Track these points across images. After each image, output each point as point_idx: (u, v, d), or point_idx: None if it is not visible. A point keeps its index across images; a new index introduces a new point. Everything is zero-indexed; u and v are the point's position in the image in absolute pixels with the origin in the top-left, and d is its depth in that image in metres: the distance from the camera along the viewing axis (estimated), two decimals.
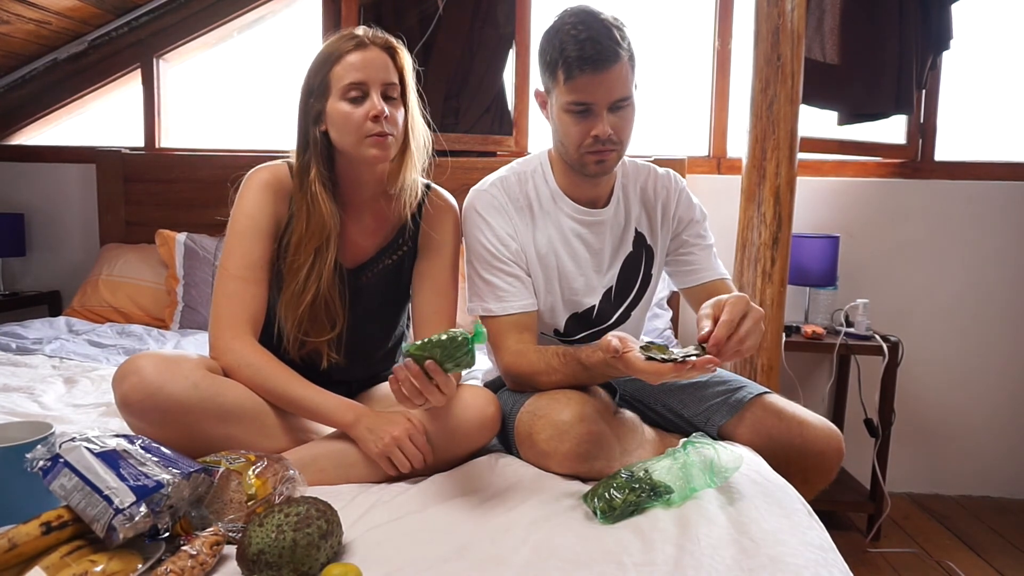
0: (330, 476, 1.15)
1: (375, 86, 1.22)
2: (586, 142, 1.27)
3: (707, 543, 0.93)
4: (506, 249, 1.36)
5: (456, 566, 0.89)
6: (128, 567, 0.82)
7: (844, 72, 2.46)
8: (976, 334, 2.65)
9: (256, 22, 2.93)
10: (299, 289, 1.26)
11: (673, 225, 1.47)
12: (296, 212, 1.28)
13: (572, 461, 1.17)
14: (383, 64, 1.24)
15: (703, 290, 1.45)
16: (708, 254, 1.48)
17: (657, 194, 1.46)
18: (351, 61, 1.22)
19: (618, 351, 1.08)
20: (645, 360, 1.05)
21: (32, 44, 2.76)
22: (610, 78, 1.22)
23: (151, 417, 1.08)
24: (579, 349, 1.21)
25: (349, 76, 1.21)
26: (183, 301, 2.49)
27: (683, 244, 1.48)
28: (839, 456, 1.33)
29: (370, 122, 1.21)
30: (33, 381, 1.75)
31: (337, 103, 1.22)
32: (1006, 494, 2.67)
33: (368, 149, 1.23)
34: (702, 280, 1.46)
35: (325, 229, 1.26)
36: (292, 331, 1.28)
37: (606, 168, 1.32)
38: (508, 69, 2.73)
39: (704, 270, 1.46)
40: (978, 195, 2.61)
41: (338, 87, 1.22)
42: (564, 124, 1.29)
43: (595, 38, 1.20)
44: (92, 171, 2.83)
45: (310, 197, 1.25)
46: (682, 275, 1.49)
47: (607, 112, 1.25)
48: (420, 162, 1.34)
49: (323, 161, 1.27)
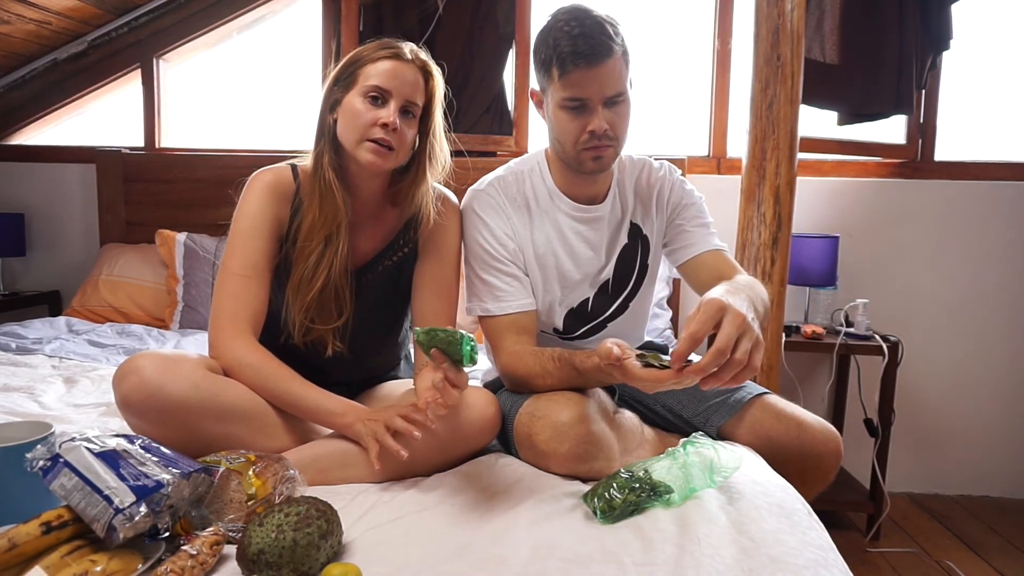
0: (330, 476, 1.15)
1: (398, 98, 1.23)
2: (583, 138, 1.27)
3: (707, 543, 0.93)
4: (504, 249, 1.36)
5: (456, 566, 0.89)
6: (128, 567, 0.82)
7: (844, 72, 2.46)
8: (976, 334, 2.65)
9: (256, 22, 2.92)
10: (308, 275, 1.27)
11: (668, 212, 1.46)
12: (308, 199, 1.28)
13: (571, 462, 1.17)
14: (414, 81, 1.25)
15: (698, 263, 1.42)
16: (703, 231, 1.44)
17: (652, 184, 1.46)
18: (384, 67, 1.23)
19: (619, 359, 1.05)
20: (644, 367, 1.03)
21: (32, 44, 2.76)
22: (604, 73, 1.23)
23: (151, 417, 1.08)
24: (574, 354, 1.20)
25: (376, 78, 1.22)
26: (183, 301, 2.49)
27: (678, 228, 1.46)
28: (837, 458, 1.33)
29: (377, 127, 1.22)
30: (33, 381, 1.75)
31: (355, 97, 1.24)
32: (1006, 494, 2.67)
33: (364, 152, 1.23)
34: (694, 253, 1.42)
35: (337, 216, 1.26)
36: (299, 316, 1.28)
37: (603, 164, 1.32)
38: (508, 69, 2.73)
39: (695, 244, 1.43)
40: (978, 195, 2.61)
41: (363, 84, 1.23)
42: (560, 121, 1.29)
43: (588, 33, 1.21)
44: (92, 171, 2.83)
45: (323, 184, 1.26)
46: (676, 253, 1.46)
47: (602, 107, 1.25)
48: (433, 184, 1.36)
49: (336, 149, 1.28)
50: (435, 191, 1.38)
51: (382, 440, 1.12)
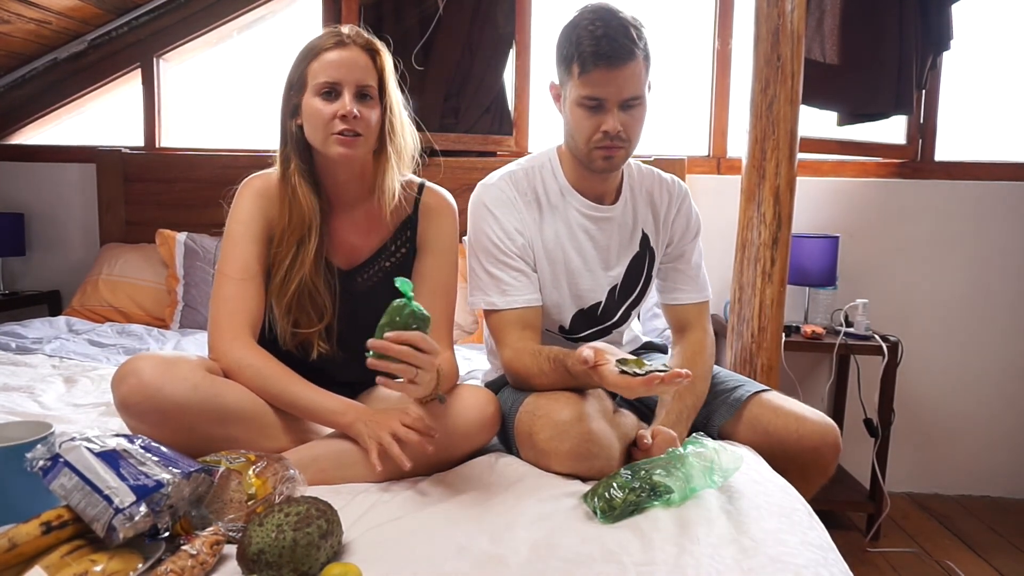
0: (330, 476, 1.15)
1: (349, 86, 1.23)
2: (595, 137, 1.29)
3: (707, 543, 0.93)
4: (512, 244, 1.37)
5: (456, 566, 0.89)
6: (128, 567, 0.81)
7: (844, 72, 2.46)
8: (976, 334, 2.65)
9: (256, 22, 2.92)
10: (283, 278, 1.28)
11: (670, 233, 1.50)
12: (280, 205, 1.29)
13: (572, 460, 1.17)
14: (361, 64, 1.24)
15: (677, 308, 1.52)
16: (694, 282, 1.52)
17: (661, 199, 1.48)
18: (329, 59, 1.23)
19: (588, 363, 1.09)
20: (619, 374, 1.06)
21: (32, 44, 2.76)
22: (623, 75, 1.24)
23: (151, 418, 1.08)
24: (568, 355, 1.21)
25: (324, 74, 1.22)
26: (183, 301, 2.49)
27: (672, 267, 1.51)
28: (836, 451, 1.34)
29: (338, 120, 1.22)
30: (33, 381, 1.75)
31: (311, 99, 1.24)
32: (1006, 494, 2.67)
33: (334, 147, 1.23)
34: (679, 302, 1.52)
35: (305, 221, 1.27)
36: (282, 320, 1.29)
37: (613, 164, 1.33)
38: (508, 69, 2.73)
39: (684, 291, 1.51)
40: (978, 195, 2.61)
41: (313, 83, 1.23)
42: (576, 118, 1.31)
43: (611, 35, 1.22)
44: (92, 171, 2.83)
45: (290, 190, 1.27)
46: (664, 288, 1.55)
47: (618, 109, 1.27)
48: (404, 163, 1.34)
49: (301, 154, 1.28)
50: (418, 184, 1.38)
51: (388, 447, 1.13)
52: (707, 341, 1.48)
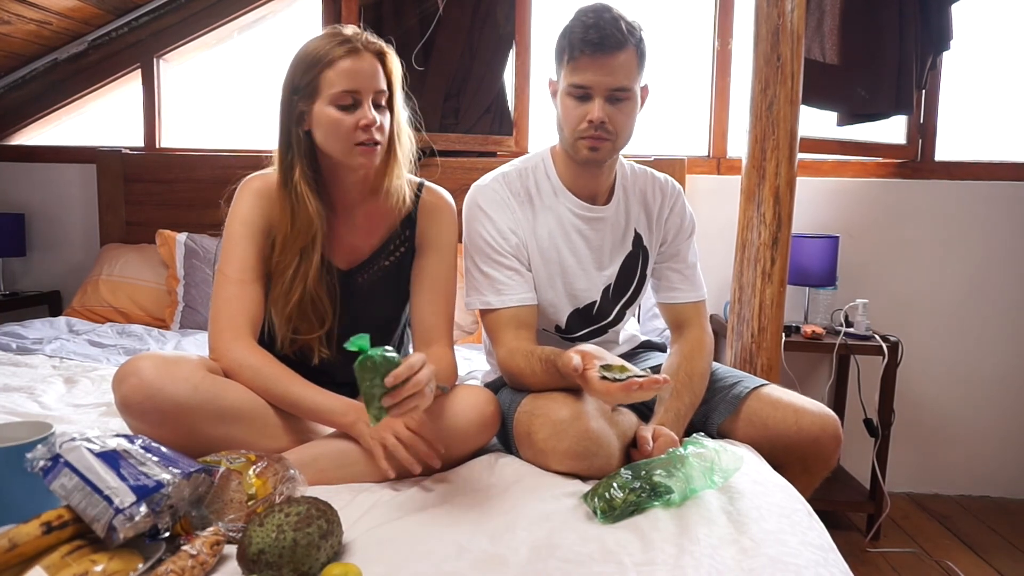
0: (330, 476, 1.15)
1: (367, 95, 1.22)
2: (581, 127, 1.29)
3: (707, 543, 0.93)
4: (506, 243, 1.37)
5: (456, 566, 0.89)
6: (128, 567, 0.82)
7: (844, 72, 2.46)
8: (976, 334, 2.65)
9: (256, 22, 2.92)
10: (286, 288, 1.27)
11: (663, 232, 1.50)
12: (281, 212, 1.27)
13: (571, 459, 1.17)
14: (375, 72, 1.23)
15: (674, 307, 1.52)
16: (689, 281, 1.52)
17: (654, 198, 1.48)
18: (344, 68, 1.20)
19: (577, 369, 1.09)
20: (600, 380, 1.06)
21: (32, 44, 2.76)
22: (611, 64, 1.25)
23: (151, 418, 1.08)
24: (559, 356, 1.21)
25: (342, 83, 1.19)
26: (183, 301, 2.49)
27: (668, 258, 1.51)
28: (836, 441, 1.34)
29: (360, 131, 1.21)
30: (33, 381, 1.75)
31: (326, 108, 1.21)
32: (1006, 494, 2.67)
33: (356, 157, 1.23)
34: (675, 301, 1.52)
35: (311, 228, 1.26)
36: (282, 328, 1.29)
37: (598, 156, 1.33)
38: (508, 69, 2.73)
39: (679, 291, 1.52)
40: (978, 195, 2.61)
41: (329, 92, 1.20)
42: (564, 107, 1.32)
43: (601, 25, 1.24)
44: (92, 171, 2.83)
45: (295, 196, 1.25)
46: (659, 288, 1.55)
47: (605, 100, 1.27)
48: (406, 164, 1.34)
49: (307, 161, 1.26)
50: (417, 183, 1.38)
51: (393, 450, 1.13)
52: (705, 339, 1.48)
